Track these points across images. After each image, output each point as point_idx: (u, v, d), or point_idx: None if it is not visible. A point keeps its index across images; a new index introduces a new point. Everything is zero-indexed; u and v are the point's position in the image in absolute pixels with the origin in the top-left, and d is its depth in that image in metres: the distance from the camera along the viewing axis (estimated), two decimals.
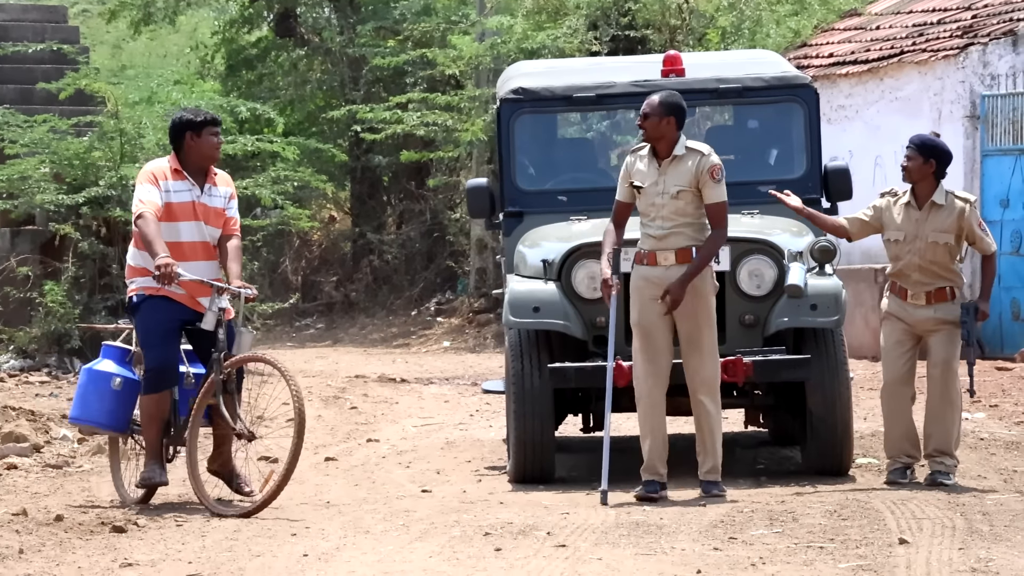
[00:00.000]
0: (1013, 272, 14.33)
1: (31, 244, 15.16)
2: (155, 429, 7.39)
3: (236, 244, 7.42)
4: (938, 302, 7.66)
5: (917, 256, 7.65)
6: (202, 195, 7.42)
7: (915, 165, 7.67)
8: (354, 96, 21.02)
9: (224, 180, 7.55)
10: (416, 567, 5.91)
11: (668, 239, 7.37)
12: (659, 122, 7.35)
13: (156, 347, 7.31)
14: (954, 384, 7.67)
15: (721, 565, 5.83)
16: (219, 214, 7.44)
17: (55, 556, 6.29)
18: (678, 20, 18.35)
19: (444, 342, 19.32)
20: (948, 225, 7.64)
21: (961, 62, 14.88)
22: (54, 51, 16.97)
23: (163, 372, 7.32)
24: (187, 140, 7.44)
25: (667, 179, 7.37)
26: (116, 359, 7.56)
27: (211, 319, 7.22)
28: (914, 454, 7.76)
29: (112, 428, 7.59)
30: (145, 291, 7.35)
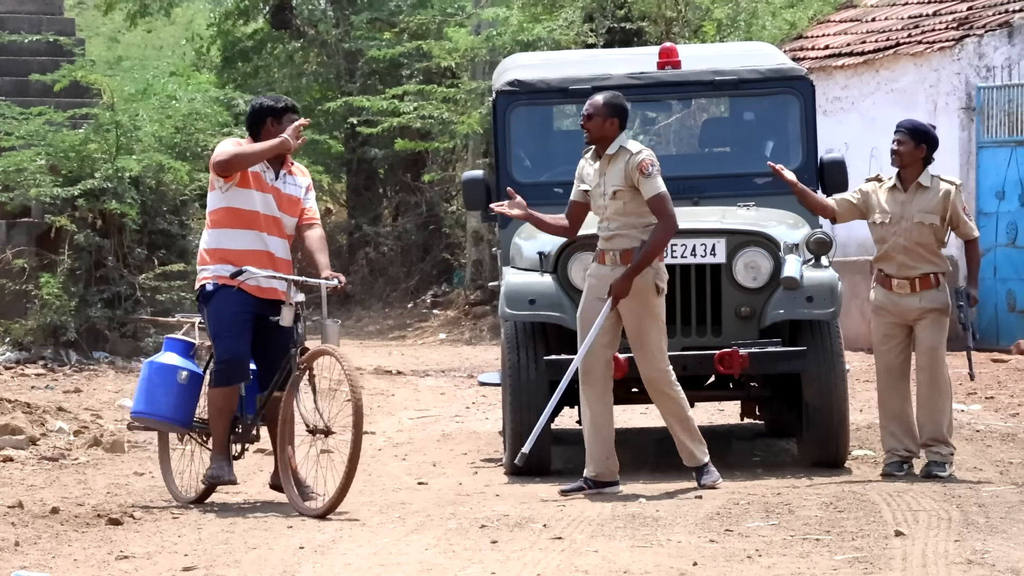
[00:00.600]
0: (1009, 264, 14.36)
1: (27, 236, 15.16)
2: (224, 423, 7.20)
3: (320, 234, 7.26)
4: (923, 289, 7.68)
5: (903, 237, 7.67)
6: (276, 180, 7.24)
7: (907, 149, 7.69)
8: (350, 88, 21.03)
9: (301, 171, 7.37)
10: (412, 559, 5.92)
11: (613, 240, 7.38)
12: (603, 123, 7.33)
13: (229, 338, 7.12)
14: (942, 371, 7.68)
15: (717, 557, 5.84)
16: (295, 202, 7.24)
17: (51, 548, 6.30)
18: (674, 12, 18.36)
19: (440, 334, 19.34)
20: (933, 206, 7.66)
21: (957, 54, 14.89)
22: (50, 43, 16.96)
23: (235, 364, 7.12)
24: (267, 125, 7.22)
25: (606, 180, 7.38)
26: (180, 352, 7.39)
27: (288, 314, 7.06)
28: (912, 448, 7.77)
29: (177, 423, 7.38)
30: (219, 280, 7.15)
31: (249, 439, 7.33)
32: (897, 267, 7.69)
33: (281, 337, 7.13)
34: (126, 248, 14.87)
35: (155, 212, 15.05)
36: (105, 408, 11.34)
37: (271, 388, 7.20)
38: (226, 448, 7.24)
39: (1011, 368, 12.57)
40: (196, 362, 7.42)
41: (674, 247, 7.87)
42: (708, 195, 8.43)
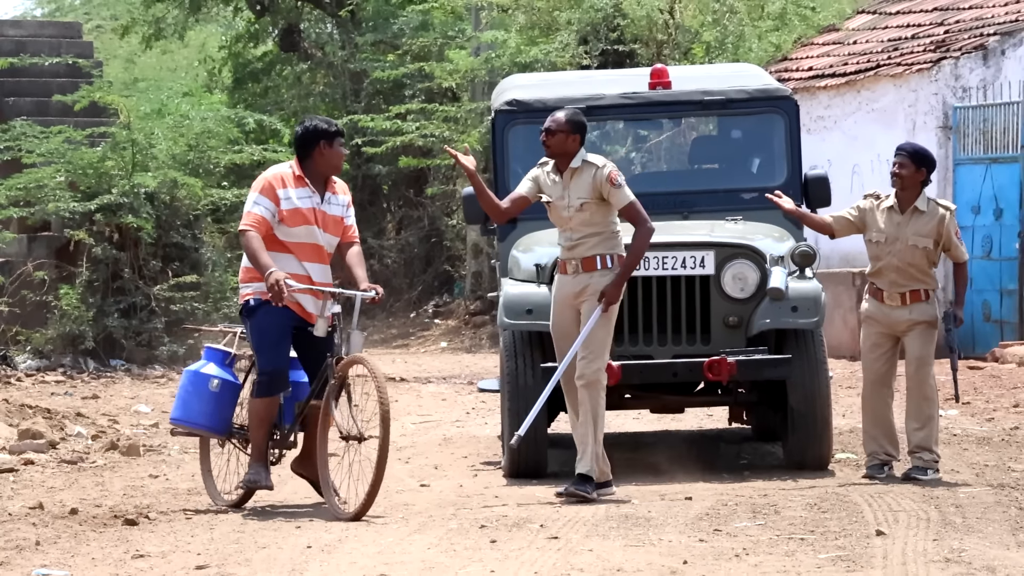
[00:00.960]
0: (984, 275, 14.60)
1: (47, 249, 15.41)
2: (263, 432, 7.25)
3: (358, 250, 7.33)
4: (913, 303, 7.83)
5: (896, 258, 7.83)
6: (322, 203, 7.28)
7: (908, 172, 7.82)
8: (355, 108, 21.23)
9: (342, 188, 7.40)
10: (415, 558, 6.03)
11: (576, 249, 7.45)
12: (566, 139, 7.42)
13: (270, 352, 7.18)
14: (930, 381, 7.83)
15: (706, 556, 5.95)
16: (338, 222, 7.31)
17: (70, 548, 6.43)
18: (664, 35, 18.53)
19: (442, 343, 19.47)
20: (928, 230, 7.81)
21: (934, 75, 15.13)
22: (69, 65, 17.15)
23: (276, 376, 7.19)
24: (319, 148, 7.24)
25: (571, 192, 7.44)
26: (217, 361, 7.44)
27: (322, 325, 7.12)
28: (892, 452, 7.91)
29: (212, 430, 7.44)
30: (261, 296, 7.21)
31: (287, 445, 7.36)
32: (889, 284, 7.84)
33: (321, 347, 7.21)
34: (141, 260, 15.09)
35: (169, 226, 15.28)
36: (122, 413, 11.52)
37: (308, 396, 7.28)
38: (264, 455, 7.29)
39: (986, 375, 12.73)
40: (234, 371, 7.47)
41: (665, 259, 8.02)
42: (697, 209, 8.57)
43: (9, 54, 17.45)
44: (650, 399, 8.52)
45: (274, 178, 7.29)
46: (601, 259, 7.44)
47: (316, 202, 7.29)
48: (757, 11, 19.37)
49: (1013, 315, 14.38)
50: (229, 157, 16.07)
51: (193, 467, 8.94)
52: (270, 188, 7.26)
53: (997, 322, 14.51)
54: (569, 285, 7.50)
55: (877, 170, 15.64)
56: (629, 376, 7.97)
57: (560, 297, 7.56)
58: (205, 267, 15.59)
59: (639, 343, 8.16)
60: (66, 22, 21.13)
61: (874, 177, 15.74)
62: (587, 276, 7.47)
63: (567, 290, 7.52)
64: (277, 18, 22.72)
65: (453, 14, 21.71)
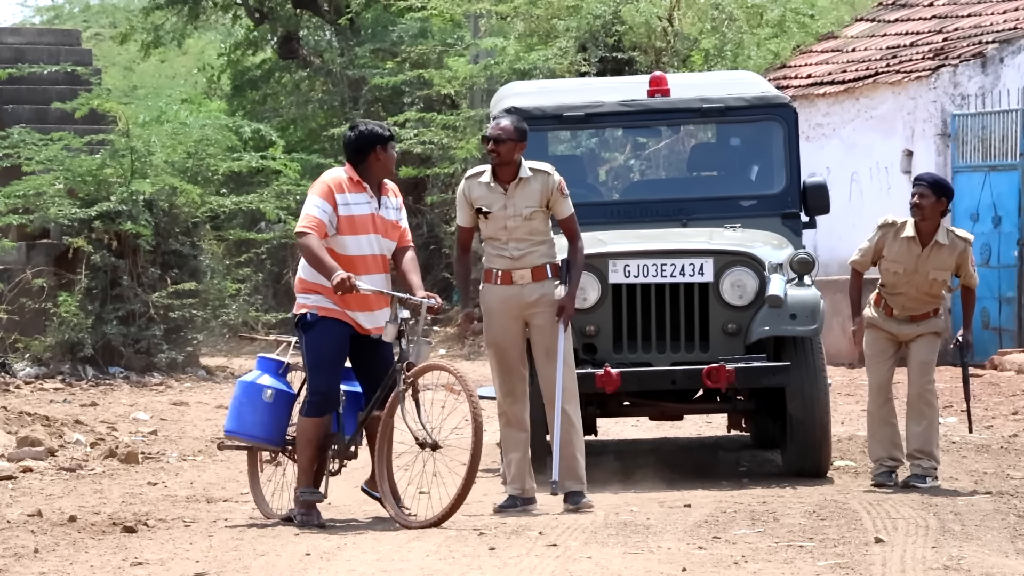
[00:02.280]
0: (983, 283, 14.51)
1: (46, 257, 15.45)
2: (311, 454, 7.06)
3: (412, 256, 7.21)
4: (922, 320, 7.90)
5: (914, 288, 7.83)
6: (380, 208, 7.16)
7: (928, 203, 7.79)
8: (354, 115, 21.28)
9: (395, 191, 7.28)
10: (413, 565, 6.04)
11: (524, 258, 7.31)
12: (514, 147, 7.30)
13: (324, 372, 7.02)
14: (932, 387, 7.85)
15: (705, 563, 5.97)
16: (395, 226, 7.19)
17: (69, 555, 6.43)
18: (663, 43, 18.58)
19: (440, 350, 19.50)
20: (948, 263, 7.82)
21: (933, 83, 15.17)
22: (68, 72, 17.18)
23: (328, 397, 7.06)
24: (375, 152, 7.10)
25: (516, 201, 7.29)
26: (271, 372, 7.30)
27: (392, 330, 6.96)
28: (899, 457, 7.92)
29: (267, 441, 7.27)
30: (319, 311, 7.03)
31: (348, 456, 7.20)
32: (901, 307, 7.87)
33: (383, 353, 7.06)
34: (140, 268, 15.13)
35: (168, 233, 15.32)
36: (120, 421, 11.52)
37: (371, 406, 7.12)
38: (311, 478, 7.07)
39: (985, 382, 12.72)
40: (287, 381, 7.33)
41: (664, 266, 8.03)
42: (696, 217, 8.58)
43: (8, 62, 17.50)
44: (649, 406, 8.53)
45: (333, 182, 7.13)
46: (551, 268, 7.34)
47: (374, 207, 7.15)
48: (756, 19, 19.41)
49: (1012, 323, 14.41)
50: (227, 164, 16.11)
51: (192, 475, 8.96)
52: (329, 192, 7.10)
53: (996, 330, 14.54)
54: (517, 296, 7.34)
55: (876, 178, 15.68)
56: (628, 383, 7.99)
57: (506, 309, 7.36)
58: (204, 274, 15.61)
59: (638, 350, 8.18)
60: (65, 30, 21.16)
61: (873, 185, 15.79)
62: (539, 286, 7.32)
63: (514, 301, 7.33)
64: (276, 26, 22.77)
65: (452, 22, 21.75)
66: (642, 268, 8.07)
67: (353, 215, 7.10)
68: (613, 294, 8.10)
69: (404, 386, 6.98)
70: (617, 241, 8.25)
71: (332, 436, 7.20)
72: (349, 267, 7.03)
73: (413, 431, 6.97)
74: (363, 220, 7.12)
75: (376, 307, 7.11)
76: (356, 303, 7.05)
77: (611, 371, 7.85)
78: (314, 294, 7.11)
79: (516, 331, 7.41)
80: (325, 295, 7.07)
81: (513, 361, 7.41)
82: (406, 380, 6.99)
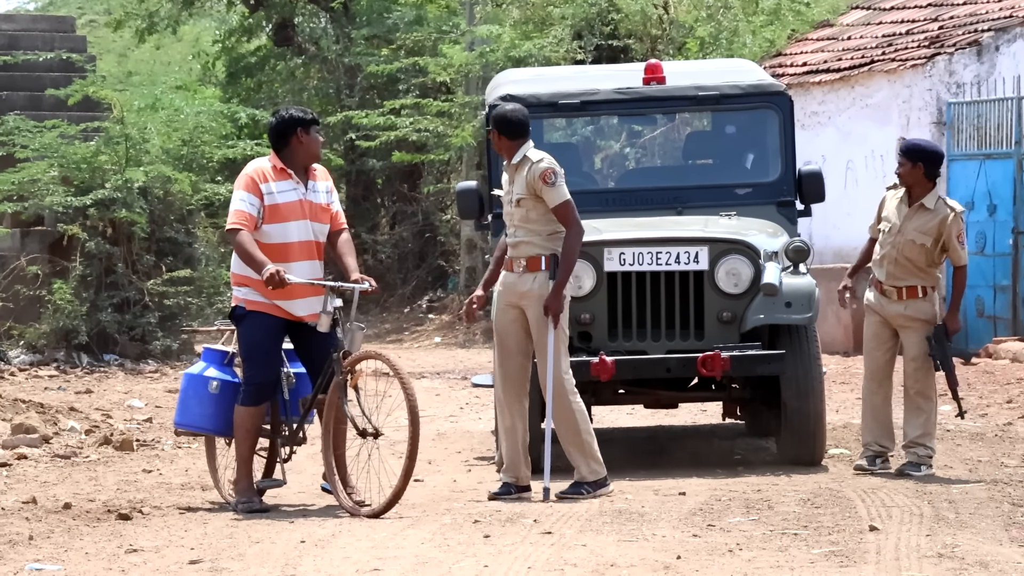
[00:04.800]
0: (978, 271, 14.64)
1: (40, 244, 15.46)
2: (249, 443, 7.13)
3: (347, 238, 7.17)
4: (909, 299, 7.85)
5: (895, 249, 7.85)
6: (307, 192, 7.11)
7: (905, 170, 7.85)
8: (349, 103, 21.28)
9: (323, 174, 7.23)
10: (408, 553, 6.06)
11: (520, 247, 7.35)
12: (497, 137, 7.36)
13: (258, 363, 7.06)
14: (928, 378, 7.84)
15: (700, 551, 5.99)
16: (324, 209, 7.14)
17: (63, 542, 6.45)
18: (659, 30, 18.58)
19: (435, 338, 19.52)
20: (930, 228, 7.83)
21: (928, 71, 15.18)
22: (62, 59, 17.18)
23: (262, 387, 7.11)
24: (296, 136, 7.06)
25: (513, 187, 7.39)
26: (216, 362, 7.34)
27: (326, 321, 6.97)
28: (886, 445, 7.93)
29: (215, 432, 7.33)
30: (247, 304, 7.07)
31: (296, 441, 7.26)
32: (886, 275, 7.87)
33: (323, 342, 7.06)
34: (135, 255, 15.14)
35: (163, 221, 15.34)
36: (115, 408, 11.53)
37: (315, 391, 7.16)
38: (250, 468, 7.14)
39: (980, 371, 12.76)
40: (233, 370, 7.36)
41: (659, 254, 8.04)
42: (691, 205, 8.59)
43: (2, 49, 17.48)
44: (644, 394, 8.54)
45: (255, 172, 7.13)
46: (545, 260, 7.33)
47: (301, 193, 7.14)
48: (751, 6, 19.42)
49: (1007, 311, 14.43)
50: (222, 152, 16.11)
51: (187, 462, 8.97)
52: (253, 183, 7.10)
53: (991, 318, 14.56)
54: (513, 284, 7.38)
55: (871, 166, 15.69)
56: (623, 372, 7.99)
57: (505, 295, 7.41)
58: (198, 262, 15.63)
59: (632, 339, 8.18)
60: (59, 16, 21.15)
61: (868, 173, 15.80)
62: (531, 277, 7.34)
63: (511, 288, 7.38)
64: (271, 12, 22.74)
65: (447, 9, 21.74)
66: (637, 256, 8.07)
67: (278, 203, 7.08)
68: (608, 282, 8.10)
69: (341, 375, 6.99)
70: (612, 229, 8.26)
71: (280, 422, 7.25)
72: (279, 255, 7.06)
73: (353, 421, 6.96)
74: (290, 207, 7.09)
75: (308, 294, 7.09)
76: (283, 294, 7.08)
77: (606, 359, 7.86)
78: (244, 287, 7.15)
79: (512, 318, 7.41)
80: (254, 287, 7.12)
81: (510, 348, 7.41)
82: (344, 369, 7.02)
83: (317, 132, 7.20)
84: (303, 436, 7.34)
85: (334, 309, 7.06)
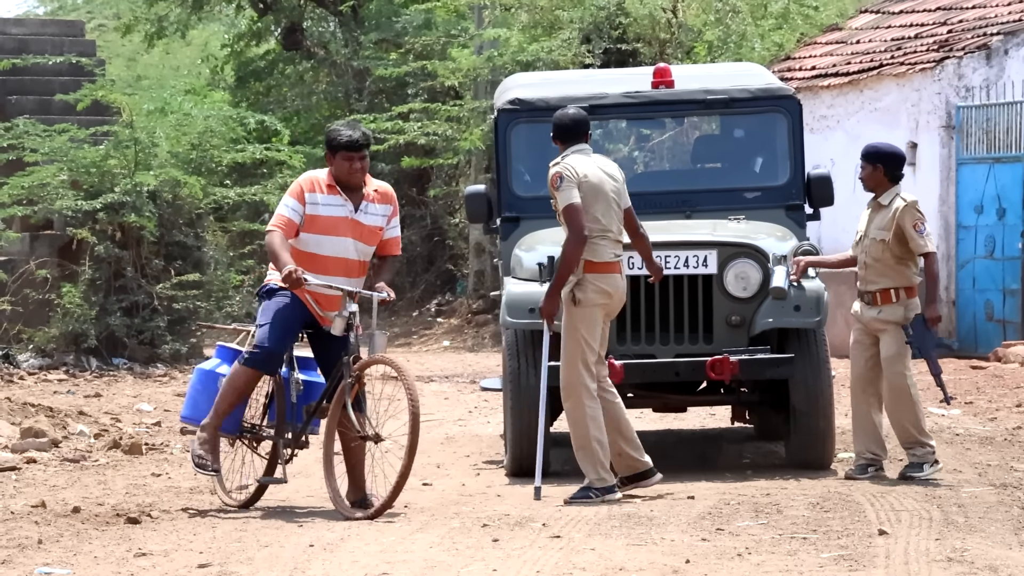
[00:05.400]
0: (987, 275, 14.66)
1: (49, 248, 15.51)
2: (230, 400, 7.12)
3: (391, 260, 7.24)
4: (883, 303, 7.87)
5: (864, 254, 7.90)
6: (356, 212, 7.15)
7: (866, 174, 7.93)
8: (358, 107, 21.31)
9: (384, 198, 7.23)
10: (417, 556, 6.08)
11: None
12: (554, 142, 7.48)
13: (273, 331, 7.07)
14: (902, 382, 7.82)
15: (709, 555, 6.00)
16: (374, 232, 7.18)
17: (72, 546, 6.47)
18: (667, 34, 18.59)
19: (444, 342, 19.53)
20: (886, 223, 7.84)
21: (937, 75, 15.18)
22: (72, 64, 17.23)
23: (270, 354, 7.09)
24: (334, 157, 7.15)
25: None
26: (228, 360, 7.36)
27: (340, 324, 7.01)
28: (878, 452, 7.93)
29: (221, 429, 7.32)
30: (280, 284, 7.11)
31: (299, 445, 7.31)
32: (862, 281, 7.91)
33: (337, 347, 7.10)
34: (144, 259, 15.18)
35: (172, 225, 15.36)
36: (124, 412, 11.56)
37: (320, 398, 7.21)
38: (218, 432, 7.15)
39: (989, 375, 12.77)
40: None
41: (668, 258, 8.05)
42: (700, 209, 8.60)
43: (12, 52, 17.53)
44: (652, 398, 8.55)
45: (306, 181, 7.20)
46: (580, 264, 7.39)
47: (349, 211, 7.17)
48: (760, 10, 19.42)
49: (1016, 315, 14.43)
50: (231, 156, 16.14)
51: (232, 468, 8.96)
52: (299, 191, 7.17)
53: (1000, 322, 14.56)
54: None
55: None
56: (631, 375, 8.01)
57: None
58: (207, 266, 15.65)
59: (641, 342, 8.19)
60: (68, 20, 21.21)
61: None
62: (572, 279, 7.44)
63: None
64: (280, 16, 22.79)
65: (456, 12, 21.76)
66: None
67: (319, 215, 7.14)
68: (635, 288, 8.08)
69: (350, 379, 7.04)
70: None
71: (285, 425, 7.28)
72: (311, 264, 7.13)
73: (356, 423, 6.99)
74: (332, 222, 7.15)
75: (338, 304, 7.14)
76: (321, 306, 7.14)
77: (615, 363, 7.86)
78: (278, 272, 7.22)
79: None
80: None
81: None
82: (352, 373, 7.07)
83: (345, 158, 7.12)
84: (306, 440, 7.37)
85: (349, 314, 7.08)
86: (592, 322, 7.38)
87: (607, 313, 7.47)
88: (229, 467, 7.55)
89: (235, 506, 7.40)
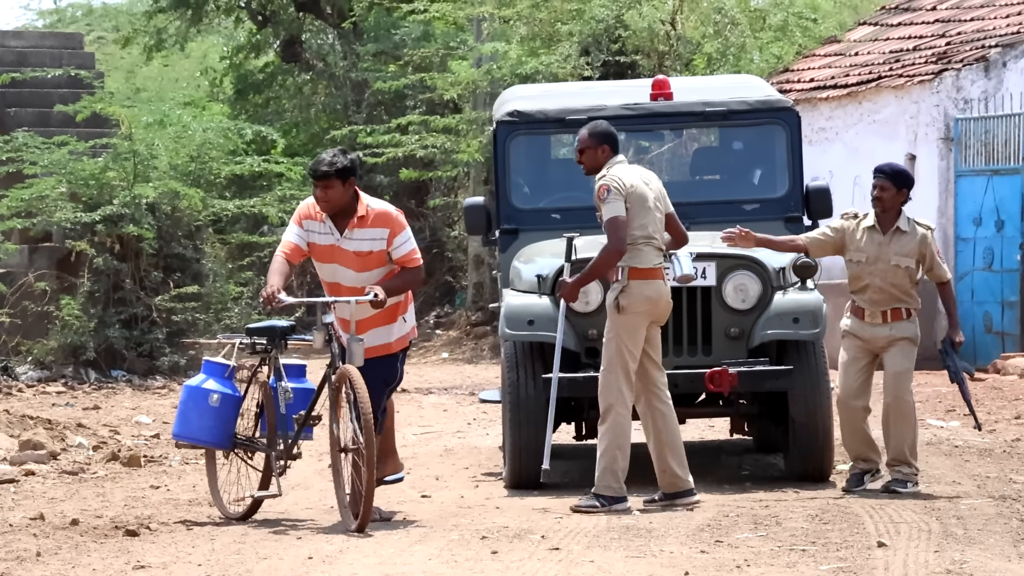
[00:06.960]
0: (985, 287, 14.66)
1: (48, 260, 15.53)
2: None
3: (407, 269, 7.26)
4: (894, 321, 7.87)
5: (879, 278, 7.85)
6: (340, 239, 7.17)
7: (889, 195, 7.85)
8: (357, 119, 21.35)
9: (379, 220, 7.19)
10: (416, 569, 6.07)
11: None
12: (595, 152, 7.52)
13: None
14: (907, 397, 7.83)
15: (708, 567, 6.00)
16: (365, 256, 7.15)
17: (71, 559, 6.46)
18: (666, 46, 18.62)
19: (443, 353, 19.54)
20: (910, 250, 7.84)
21: (936, 87, 15.21)
22: (71, 76, 17.27)
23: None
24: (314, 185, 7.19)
25: None
26: (217, 375, 7.38)
27: (319, 338, 7.09)
28: (872, 458, 7.92)
29: (213, 444, 7.38)
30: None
31: (291, 456, 7.29)
32: (871, 303, 7.87)
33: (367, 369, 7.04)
34: (143, 271, 15.20)
35: (170, 237, 15.39)
36: (123, 424, 11.57)
37: (309, 407, 7.25)
38: None
39: (988, 387, 12.74)
40: (234, 383, 7.42)
41: (667, 270, 8.12)
42: (699, 221, 8.57)
43: (10, 65, 17.56)
44: None
45: (303, 208, 7.29)
46: (618, 271, 7.51)
47: (335, 238, 7.21)
48: (758, 22, 19.47)
49: (1014, 327, 14.43)
50: (230, 168, 16.17)
51: (194, 478, 8.98)
52: (298, 218, 7.27)
53: (998, 334, 14.57)
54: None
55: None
56: None
57: None
58: (206, 278, 15.66)
59: None
60: (67, 33, 21.24)
61: None
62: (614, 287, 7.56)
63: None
64: (278, 29, 22.84)
65: (455, 25, 21.80)
66: None
67: (313, 243, 7.27)
68: None
69: (332, 390, 7.08)
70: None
71: (277, 435, 7.29)
72: (327, 290, 7.28)
73: (337, 436, 6.99)
74: (321, 249, 7.25)
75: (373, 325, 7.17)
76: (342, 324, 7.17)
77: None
78: None
79: None
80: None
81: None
82: (333, 384, 7.07)
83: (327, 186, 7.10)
84: (298, 452, 7.37)
85: (326, 325, 7.14)
86: (634, 329, 7.43)
87: (655, 320, 7.52)
88: (225, 479, 7.55)
89: (232, 518, 7.40)
